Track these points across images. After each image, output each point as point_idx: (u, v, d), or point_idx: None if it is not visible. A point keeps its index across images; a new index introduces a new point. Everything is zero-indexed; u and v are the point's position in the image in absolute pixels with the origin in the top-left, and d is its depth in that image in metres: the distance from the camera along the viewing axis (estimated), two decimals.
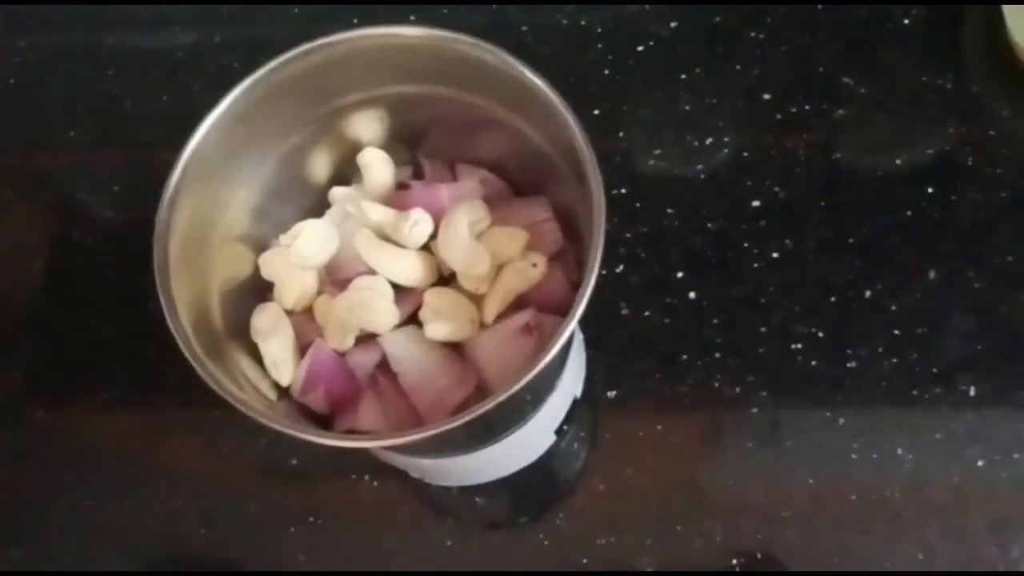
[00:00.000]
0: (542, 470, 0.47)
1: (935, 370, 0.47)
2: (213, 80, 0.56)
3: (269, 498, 0.48)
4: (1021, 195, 0.49)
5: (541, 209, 0.38)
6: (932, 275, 0.49)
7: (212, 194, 0.37)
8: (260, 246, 0.39)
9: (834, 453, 0.46)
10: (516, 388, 0.31)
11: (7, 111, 0.58)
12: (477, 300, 0.37)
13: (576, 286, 0.33)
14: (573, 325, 0.32)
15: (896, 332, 0.48)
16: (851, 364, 0.47)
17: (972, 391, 0.47)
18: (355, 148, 0.40)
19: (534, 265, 0.36)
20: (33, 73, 0.58)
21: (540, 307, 0.37)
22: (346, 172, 0.41)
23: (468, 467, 0.44)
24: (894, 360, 0.47)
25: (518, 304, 0.37)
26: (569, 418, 0.47)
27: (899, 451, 0.46)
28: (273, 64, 0.37)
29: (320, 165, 0.40)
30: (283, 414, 0.36)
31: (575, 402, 0.47)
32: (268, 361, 0.37)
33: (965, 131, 0.51)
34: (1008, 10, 0.49)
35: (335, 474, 0.48)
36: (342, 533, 0.47)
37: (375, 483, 0.47)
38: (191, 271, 0.35)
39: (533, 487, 0.47)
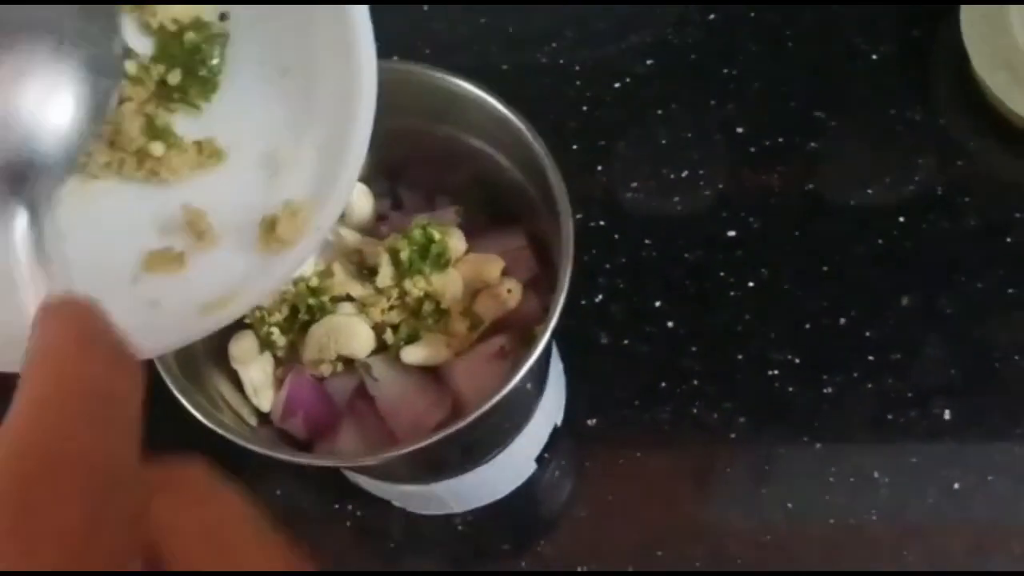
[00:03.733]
0: (524, 498, 0.48)
1: (910, 395, 0.48)
2: None
3: None
4: (990, 223, 0.51)
5: (516, 238, 0.39)
6: (905, 302, 0.50)
7: None
8: None
9: (812, 478, 0.47)
10: (489, 405, 0.32)
11: None
12: None
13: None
14: (542, 348, 0.33)
15: (871, 358, 0.49)
16: (827, 390, 0.48)
17: (947, 415, 0.47)
18: None
19: (509, 291, 0.37)
20: None
21: (515, 332, 0.38)
22: None
23: (449, 494, 0.44)
24: (869, 385, 0.48)
25: (494, 329, 0.38)
26: (550, 446, 0.47)
27: (876, 475, 0.47)
28: None
29: None
30: (263, 440, 0.37)
31: (556, 430, 0.47)
32: (248, 388, 0.37)
33: (935, 162, 0.52)
34: (972, 46, 0.51)
35: (319, 503, 0.48)
36: (326, 561, 0.47)
37: (358, 512, 0.48)
38: None
39: (515, 515, 0.48)
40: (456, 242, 0.37)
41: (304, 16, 0.28)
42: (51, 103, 0.23)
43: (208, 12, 0.29)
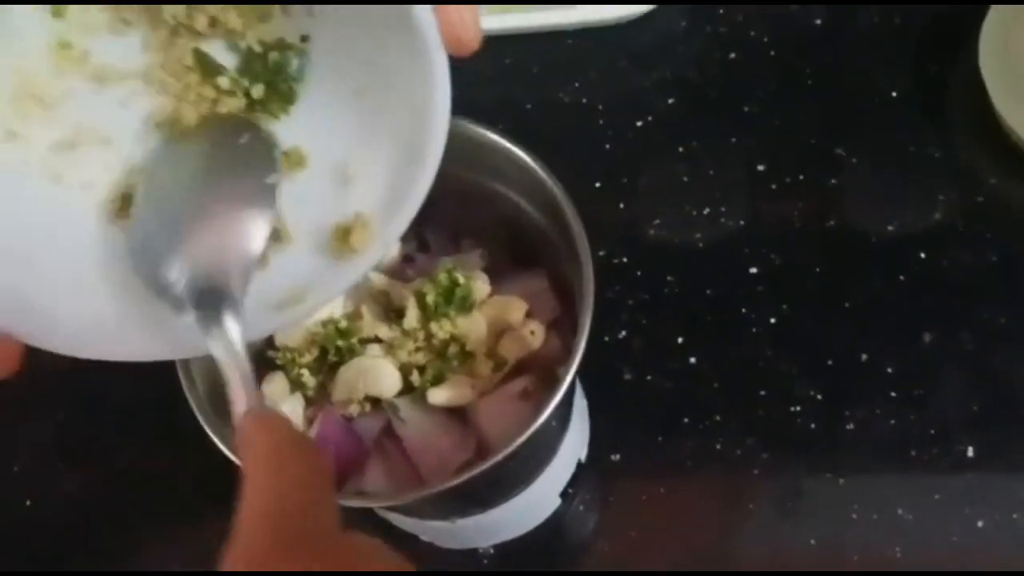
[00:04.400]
0: (549, 532, 0.48)
1: (932, 431, 0.48)
2: None
3: None
4: (1010, 257, 0.51)
5: (539, 280, 0.40)
6: (926, 337, 0.50)
7: None
8: None
9: (835, 513, 0.47)
10: (512, 448, 0.33)
11: None
12: None
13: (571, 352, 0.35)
14: (564, 390, 0.33)
15: (892, 394, 0.49)
16: (849, 426, 0.49)
17: (970, 451, 0.48)
18: None
19: (532, 332, 0.38)
20: None
21: (538, 373, 0.38)
22: None
23: (476, 529, 0.45)
24: (891, 421, 0.48)
25: (518, 370, 0.38)
26: (574, 481, 0.48)
27: (899, 511, 0.47)
28: None
29: None
30: None
31: (580, 465, 0.48)
32: None
33: (954, 197, 0.53)
34: (990, 81, 0.52)
35: None
36: None
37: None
38: None
39: (540, 549, 0.48)
40: (481, 285, 0.38)
41: (380, 42, 0.30)
42: (242, 244, 0.29)
43: (291, 35, 0.31)
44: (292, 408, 0.38)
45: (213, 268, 0.28)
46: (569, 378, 0.34)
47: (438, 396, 0.37)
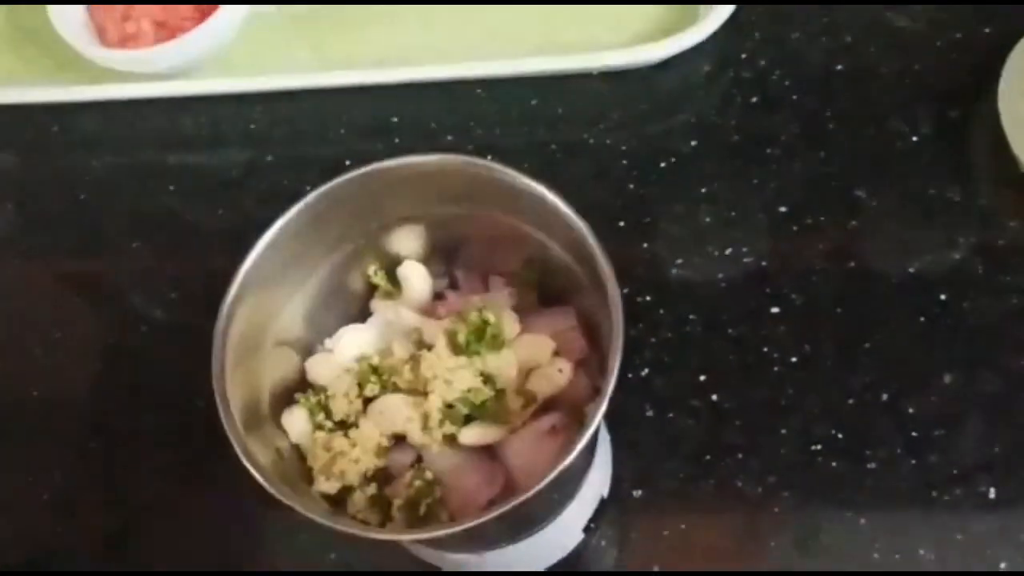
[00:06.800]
0: (571, 567, 0.49)
1: (954, 471, 0.48)
2: (265, 195, 0.60)
3: None
4: None
5: (566, 318, 0.41)
6: (947, 379, 0.50)
7: (266, 303, 0.40)
8: (308, 351, 0.42)
9: (856, 553, 0.47)
10: (540, 487, 0.33)
11: (79, 222, 0.62)
12: None
13: (599, 390, 0.36)
14: (593, 429, 0.34)
15: (914, 434, 0.49)
16: (871, 465, 0.49)
17: (992, 493, 0.48)
18: (396, 261, 0.43)
19: (560, 371, 0.39)
20: (103, 188, 0.63)
21: (566, 410, 0.39)
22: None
23: (500, 562, 0.46)
24: (913, 462, 0.49)
25: (546, 407, 0.39)
26: (597, 516, 0.48)
27: (921, 552, 0.47)
28: (326, 187, 0.41)
29: (364, 276, 0.43)
30: (322, 509, 0.38)
31: (603, 501, 0.49)
32: (310, 458, 0.39)
33: (974, 241, 0.53)
34: (1009, 127, 0.52)
35: (372, 569, 0.50)
36: None
37: None
38: (244, 374, 0.39)
39: None
40: (510, 324, 0.39)
41: None
42: None
43: None
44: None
45: None
46: (598, 417, 0.35)
47: (468, 434, 0.38)
